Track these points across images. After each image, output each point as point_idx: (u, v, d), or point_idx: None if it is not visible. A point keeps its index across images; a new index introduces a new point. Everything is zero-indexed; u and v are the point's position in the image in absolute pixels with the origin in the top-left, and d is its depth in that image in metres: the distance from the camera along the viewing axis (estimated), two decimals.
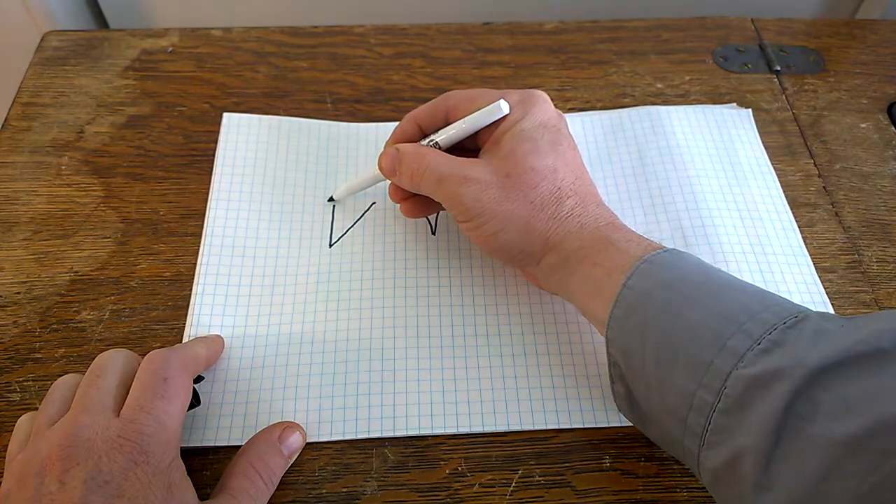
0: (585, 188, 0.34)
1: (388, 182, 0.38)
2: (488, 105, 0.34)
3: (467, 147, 0.37)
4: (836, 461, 0.22)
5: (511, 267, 0.39)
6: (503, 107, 0.34)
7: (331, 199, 0.42)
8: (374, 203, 0.42)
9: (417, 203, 0.38)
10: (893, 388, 0.22)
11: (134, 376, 0.31)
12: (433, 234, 0.41)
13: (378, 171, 0.38)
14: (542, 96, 0.36)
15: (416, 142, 0.37)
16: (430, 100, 0.37)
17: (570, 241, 0.32)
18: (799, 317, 0.26)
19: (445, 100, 0.37)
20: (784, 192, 0.43)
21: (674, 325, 0.28)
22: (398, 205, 0.39)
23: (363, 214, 0.42)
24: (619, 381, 0.31)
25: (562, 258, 0.33)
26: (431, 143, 0.36)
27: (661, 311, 0.28)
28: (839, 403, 0.23)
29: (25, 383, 0.35)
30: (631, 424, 0.34)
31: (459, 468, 0.33)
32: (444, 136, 0.36)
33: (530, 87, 0.49)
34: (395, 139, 0.38)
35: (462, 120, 0.35)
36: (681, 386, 0.27)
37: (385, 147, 0.38)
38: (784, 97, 0.49)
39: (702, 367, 0.26)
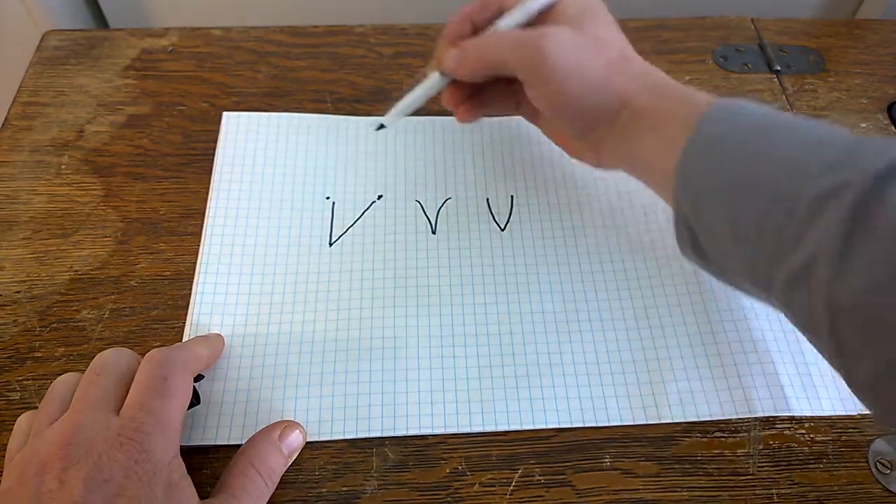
0: (637, 55, 0.36)
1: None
2: None
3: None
4: None
5: (578, 143, 0.38)
6: None
7: (381, 127, 0.41)
8: (374, 202, 0.42)
9: (476, 104, 0.39)
10: None
11: (133, 375, 0.31)
12: (433, 233, 0.41)
13: (433, 79, 0.38)
14: None
15: None
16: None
17: (644, 95, 0.34)
18: (857, 140, 0.28)
19: None
20: None
21: (745, 161, 0.29)
22: (454, 109, 0.39)
23: (363, 213, 0.42)
24: (685, 227, 0.32)
25: (635, 113, 0.34)
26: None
27: (731, 150, 0.30)
28: None
29: (25, 382, 0.35)
30: (631, 424, 0.34)
31: (459, 467, 0.33)
32: (505, 20, 0.36)
33: None
34: (449, 39, 0.38)
35: (523, 3, 0.35)
36: (754, 212, 0.28)
37: (438, 52, 0.38)
38: (784, 97, 0.49)
39: (773, 192, 0.28)
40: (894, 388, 0.25)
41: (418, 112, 0.47)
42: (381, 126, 0.40)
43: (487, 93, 0.39)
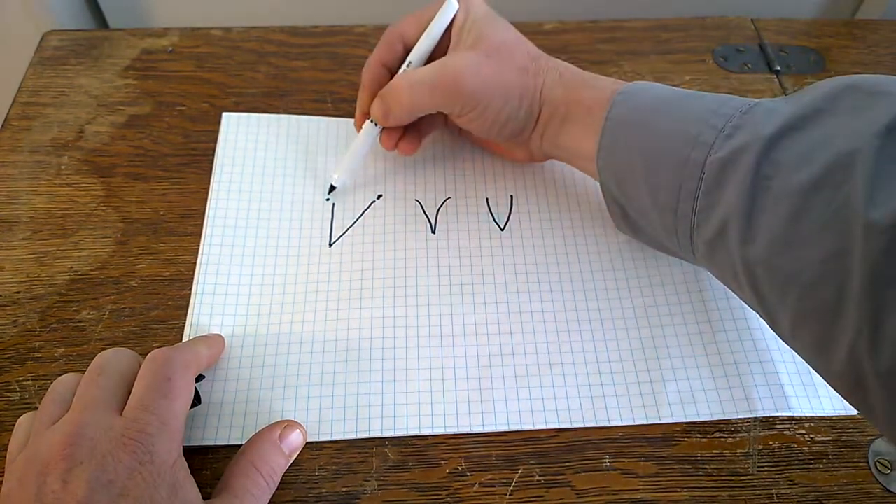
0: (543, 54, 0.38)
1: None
2: (438, 10, 0.38)
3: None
4: (803, 201, 0.26)
5: (512, 146, 0.41)
6: (454, 3, 0.37)
7: (331, 189, 0.42)
8: (373, 202, 0.42)
9: (411, 136, 0.41)
10: (832, 136, 0.27)
11: (134, 375, 0.31)
12: (433, 233, 0.41)
13: (368, 130, 0.40)
14: None
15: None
16: None
17: (556, 90, 0.37)
18: (751, 104, 0.31)
19: (391, 31, 0.40)
20: None
21: (653, 138, 0.32)
22: (393, 151, 0.41)
23: (363, 213, 0.42)
24: (614, 202, 0.36)
25: (553, 108, 0.37)
26: (406, 70, 0.38)
27: (640, 129, 0.33)
28: (795, 158, 0.27)
29: (25, 383, 0.35)
30: (631, 424, 0.34)
31: (459, 467, 0.33)
32: (415, 54, 0.38)
33: None
34: (370, 91, 0.39)
35: (426, 31, 0.38)
36: (668, 183, 0.31)
37: (359, 104, 0.40)
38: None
39: (682, 163, 0.31)
40: (808, 335, 0.27)
41: None
42: (333, 188, 0.42)
43: (416, 122, 0.40)
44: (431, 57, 0.38)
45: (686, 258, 0.35)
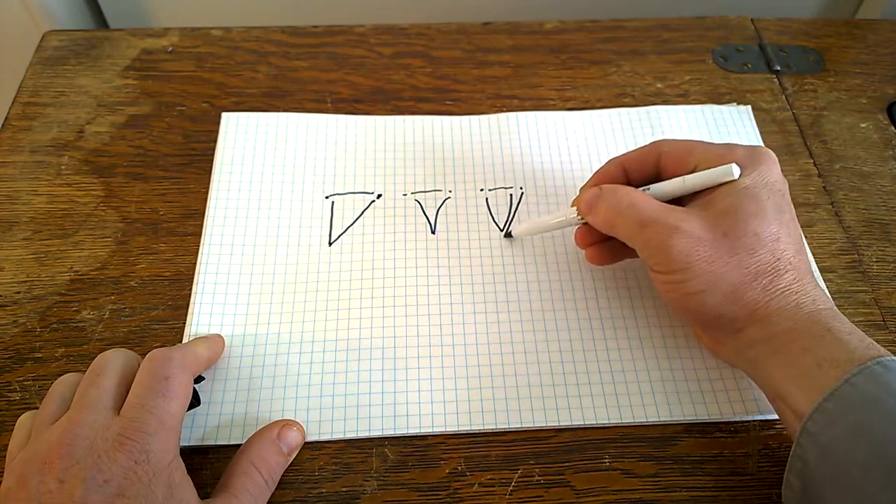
0: (804, 265, 0.31)
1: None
2: (716, 167, 0.32)
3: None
4: None
5: (697, 329, 0.37)
6: (734, 172, 0.31)
7: (508, 235, 0.41)
8: (373, 202, 0.42)
9: (605, 250, 0.36)
10: None
11: (134, 375, 0.31)
12: (433, 233, 0.41)
13: (566, 214, 0.36)
14: (772, 156, 0.33)
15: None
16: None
17: (783, 319, 0.30)
18: None
19: (656, 147, 0.35)
20: None
21: None
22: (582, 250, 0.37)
23: (363, 213, 0.42)
24: (798, 475, 0.29)
25: (767, 335, 0.30)
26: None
27: (888, 421, 0.26)
28: None
29: (25, 383, 0.35)
30: (631, 424, 0.34)
31: (459, 467, 0.33)
32: (658, 190, 0.34)
33: (530, 87, 0.49)
34: (597, 180, 0.36)
35: (686, 177, 0.33)
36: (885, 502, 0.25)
37: (582, 188, 0.37)
38: (784, 97, 0.49)
39: None
40: None
41: (417, 111, 0.47)
42: (509, 234, 0.41)
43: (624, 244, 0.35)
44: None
45: None
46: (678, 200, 0.34)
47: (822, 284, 0.39)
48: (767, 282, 0.30)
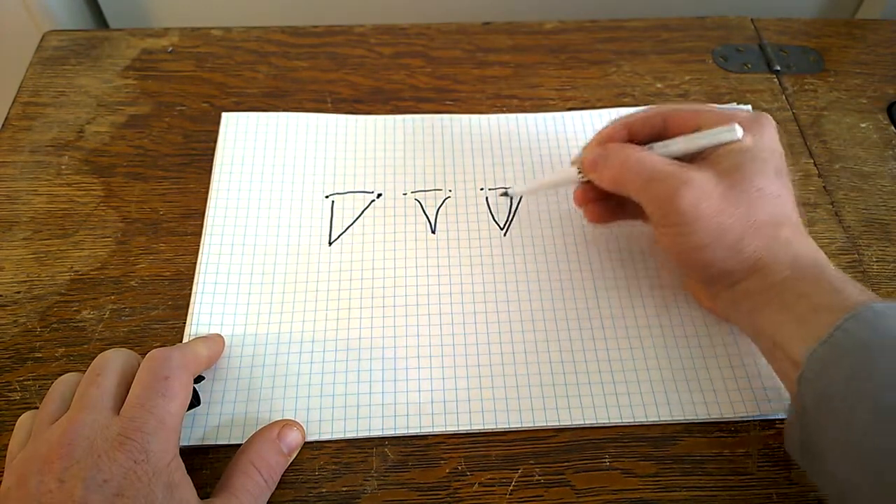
0: (800, 222, 0.33)
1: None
2: (720, 126, 0.33)
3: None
4: None
5: (694, 282, 0.37)
6: (738, 131, 0.32)
7: (505, 194, 0.42)
8: (373, 201, 0.42)
9: (604, 208, 0.37)
10: None
11: (134, 375, 0.31)
12: (433, 233, 0.41)
13: (569, 171, 0.37)
14: (772, 122, 0.34)
15: None
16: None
17: (781, 268, 0.31)
18: None
19: (660, 110, 0.36)
20: None
21: (894, 386, 0.26)
22: (580, 208, 0.38)
23: (362, 212, 0.42)
24: (798, 420, 0.29)
25: (765, 285, 0.31)
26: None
27: (881, 364, 0.26)
28: None
29: (25, 382, 0.35)
30: (631, 423, 0.34)
31: (459, 467, 0.33)
32: (666, 149, 0.34)
33: (530, 87, 0.49)
34: (601, 140, 0.36)
35: (692, 135, 0.33)
36: (889, 446, 0.25)
37: (585, 148, 0.37)
38: (784, 97, 0.49)
39: None
40: None
41: (417, 111, 0.47)
42: (505, 193, 0.42)
43: (622, 199, 0.36)
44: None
45: None
46: (681, 161, 0.34)
47: None
48: (769, 234, 0.31)
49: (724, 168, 0.32)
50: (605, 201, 0.37)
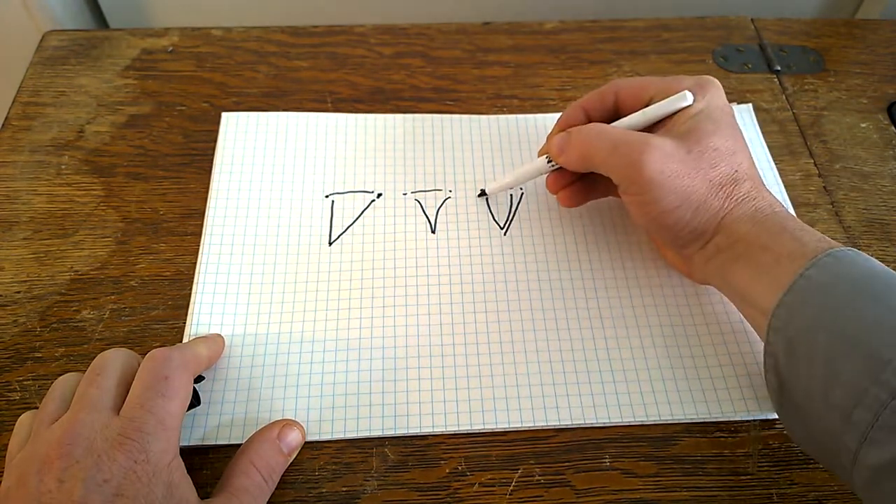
0: (758, 176, 0.34)
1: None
2: (670, 95, 0.34)
3: None
4: None
5: (668, 250, 0.38)
6: (688, 97, 0.34)
7: (482, 194, 0.42)
8: (373, 201, 0.42)
9: (576, 191, 0.39)
10: None
11: (134, 375, 0.31)
12: (433, 233, 0.41)
13: (539, 162, 0.38)
14: (717, 83, 0.35)
15: None
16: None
17: (743, 223, 0.32)
18: None
19: (613, 86, 0.37)
20: (784, 191, 0.43)
21: (854, 320, 0.27)
22: (555, 195, 0.39)
23: (363, 212, 0.42)
24: (773, 371, 0.30)
25: (731, 240, 0.32)
26: None
27: (841, 304, 0.28)
28: None
29: (25, 382, 0.35)
30: (631, 423, 0.34)
31: (459, 467, 0.33)
32: (621, 125, 0.36)
33: (530, 87, 0.49)
34: (562, 125, 0.38)
35: (645, 109, 0.35)
36: (852, 381, 0.26)
37: (549, 136, 0.38)
38: (784, 97, 0.49)
39: (879, 364, 0.26)
40: None
41: (418, 111, 0.47)
42: (483, 193, 0.42)
43: (592, 178, 0.38)
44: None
45: (838, 473, 0.28)
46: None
47: None
48: (729, 191, 0.33)
49: (681, 132, 0.33)
50: (577, 184, 0.39)
